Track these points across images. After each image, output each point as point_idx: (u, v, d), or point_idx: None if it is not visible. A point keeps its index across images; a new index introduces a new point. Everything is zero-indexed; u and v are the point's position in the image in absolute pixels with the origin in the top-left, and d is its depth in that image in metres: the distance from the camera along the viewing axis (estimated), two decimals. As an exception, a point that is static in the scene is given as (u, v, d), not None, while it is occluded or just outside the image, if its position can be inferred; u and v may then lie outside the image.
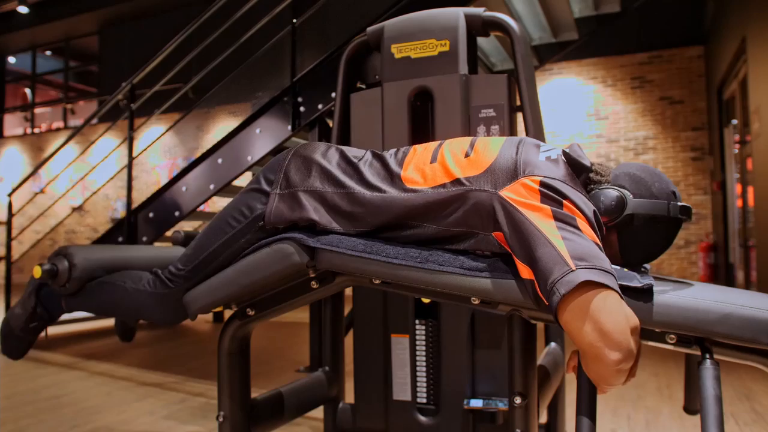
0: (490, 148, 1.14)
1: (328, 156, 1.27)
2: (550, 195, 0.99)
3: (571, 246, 0.91)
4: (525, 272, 0.98)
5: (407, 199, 1.14)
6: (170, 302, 1.34)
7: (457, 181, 1.11)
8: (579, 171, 1.11)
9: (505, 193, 1.04)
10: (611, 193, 1.08)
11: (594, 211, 1.01)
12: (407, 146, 1.30)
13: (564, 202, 0.98)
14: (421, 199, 1.13)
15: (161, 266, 1.37)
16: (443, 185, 1.12)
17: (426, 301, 1.64)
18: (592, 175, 1.12)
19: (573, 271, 0.88)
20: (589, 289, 0.88)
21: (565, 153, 1.12)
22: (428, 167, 1.16)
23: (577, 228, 0.95)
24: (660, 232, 1.10)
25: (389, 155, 1.25)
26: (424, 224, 1.14)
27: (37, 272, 1.41)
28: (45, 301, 1.56)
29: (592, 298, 0.87)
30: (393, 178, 1.19)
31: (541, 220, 0.96)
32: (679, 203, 1.09)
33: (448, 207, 1.11)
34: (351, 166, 1.24)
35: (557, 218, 0.96)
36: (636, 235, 1.10)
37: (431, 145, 1.24)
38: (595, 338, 0.86)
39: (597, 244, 0.94)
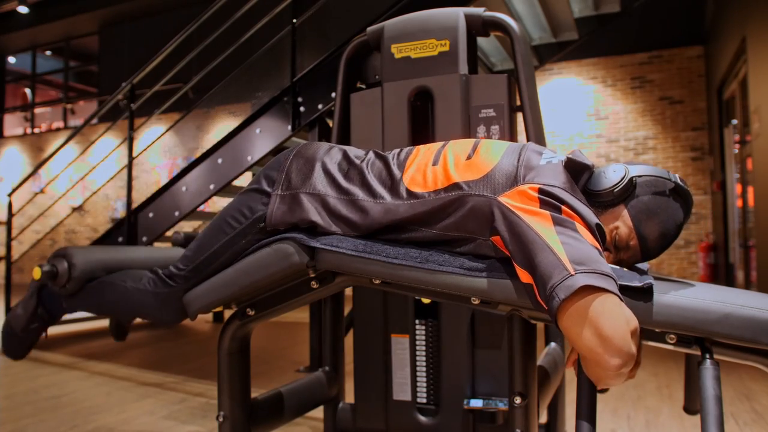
0: (492, 152, 1.14)
1: (330, 156, 1.27)
2: (549, 201, 0.99)
3: (570, 250, 0.91)
4: (524, 277, 0.98)
5: (409, 207, 1.14)
6: (170, 302, 1.34)
7: (455, 185, 1.11)
8: (581, 171, 1.11)
9: (504, 199, 1.04)
10: (610, 165, 1.12)
11: (597, 224, 1.00)
12: (411, 146, 1.29)
13: (562, 207, 0.98)
14: (422, 206, 1.13)
15: (161, 266, 1.38)
16: (443, 189, 1.12)
17: (426, 301, 1.63)
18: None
19: (572, 275, 0.88)
20: (588, 293, 0.87)
21: (568, 159, 1.11)
22: (429, 170, 1.17)
23: (577, 232, 0.95)
24: (670, 203, 1.09)
25: (392, 156, 1.25)
26: (423, 229, 1.14)
27: (37, 273, 1.41)
28: (46, 302, 1.56)
29: (591, 302, 0.87)
30: (395, 182, 1.18)
31: (541, 225, 0.96)
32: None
33: (446, 211, 1.11)
34: (353, 168, 1.24)
35: (557, 222, 0.96)
36: (646, 206, 1.08)
37: (434, 146, 1.24)
38: (596, 344, 0.86)
39: (597, 249, 0.94)
